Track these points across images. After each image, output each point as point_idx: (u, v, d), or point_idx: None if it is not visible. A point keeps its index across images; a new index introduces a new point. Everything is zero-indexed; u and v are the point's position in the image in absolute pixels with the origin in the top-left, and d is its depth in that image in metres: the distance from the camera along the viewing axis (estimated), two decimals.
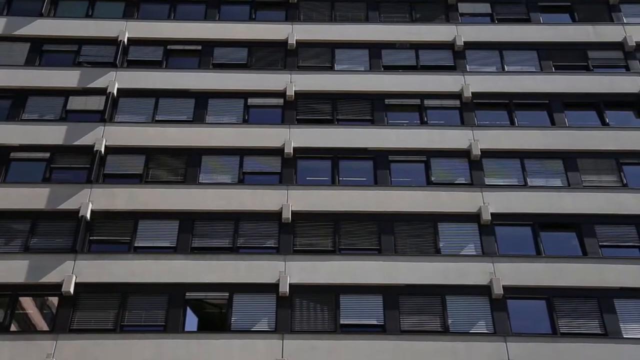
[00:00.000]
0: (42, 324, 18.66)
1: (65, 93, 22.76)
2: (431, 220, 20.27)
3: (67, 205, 20.05)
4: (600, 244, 19.82)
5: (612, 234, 20.06)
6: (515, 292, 18.80)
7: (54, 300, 18.64)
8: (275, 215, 20.13)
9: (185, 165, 21.33)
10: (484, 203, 20.30)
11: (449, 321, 18.50)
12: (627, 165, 21.46)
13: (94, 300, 18.68)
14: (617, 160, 21.54)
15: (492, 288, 18.69)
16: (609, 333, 18.21)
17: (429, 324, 18.56)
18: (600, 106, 22.90)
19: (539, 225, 20.27)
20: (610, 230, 20.12)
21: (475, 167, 21.38)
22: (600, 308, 18.63)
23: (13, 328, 18.31)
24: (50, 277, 18.70)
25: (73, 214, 19.84)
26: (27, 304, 18.95)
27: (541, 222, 20.31)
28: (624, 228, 20.19)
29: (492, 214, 20.06)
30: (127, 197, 20.40)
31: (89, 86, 22.79)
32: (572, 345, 17.93)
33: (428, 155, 21.66)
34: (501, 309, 18.57)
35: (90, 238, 19.75)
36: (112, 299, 18.67)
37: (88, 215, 19.78)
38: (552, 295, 18.85)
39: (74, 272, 18.76)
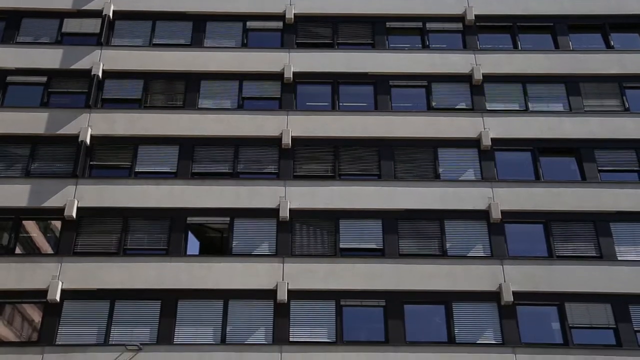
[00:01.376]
0: (46, 247, 18.99)
1: (60, 15, 22.23)
2: (431, 146, 20.27)
3: (66, 130, 20.01)
4: (599, 168, 19.91)
5: (611, 159, 20.12)
6: (513, 216, 19.04)
7: (57, 224, 18.90)
8: (275, 141, 20.11)
9: (184, 90, 21.12)
10: (484, 128, 20.23)
11: (447, 245, 18.81)
12: (630, 89, 21.24)
13: (97, 225, 18.95)
14: (620, 84, 21.30)
15: (490, 212, 18.91)
16: (604, 256, 18.58)
17: (427, 248, 18.88)
18: (605, 28, 22.43)
19: (538, 150, 20.28)
20: (609, 154, 20.17)
21: (476, 91, 21.16)
22: (596, 231, 18.94)
23: (18, 251, 18.69)
24: (52, 202, 18.91)
25: (72, 139, 19.83)
26: (31, 227, 19.22)
27: (541, 147, 20.31)
28: (624, 153, 20.22)
29: (492, 139, 20.04)
30: (126, 122, 20.32)
31: (83, 8, 22.22)
32: (567, 268, 18.33)
33: (429, 80, 21.41)
34: (499, 233, 18.84)
35: (91, 163, 19.80)
36: (114, 223, 18.94)
37: (88, 140, 19.77)
38: (549, 220, 19.12)
39: (76, 196, 18.94)
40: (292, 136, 20.02)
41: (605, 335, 17.64)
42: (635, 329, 17.56)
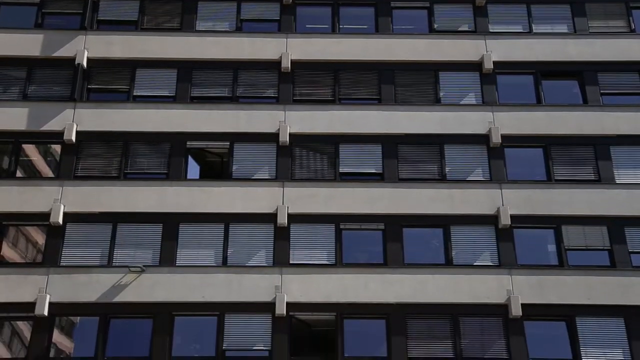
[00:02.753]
0: (47, 171, 19.05)
1: None
2: (432, 69, 20.01)
3: (63, 52, 19.72)
4: (601, 92, 19.73)
5: (614, 82, 19.91)
6: (513, 140, 19.03)
7: (57, 148, 18.92)
8: (275, 64, 19.84)
9: (181, 11, 20.65)
10: (486, 51, 19.93)
11: (446, 169, 18.86)
12: (637, 10, 20.79)
13: (96, 149, 18.96)
14: (627, 4, 20.82)
15: (490, 137, 18.88)
16: (603, 179, 18.67)
17: (426, 172, 18.93)
18: None
19: (541, 74, 20.03)
20: (613, 77, 19.94)
21: (479, 13, 20.69)
22: (595, 155, 18.97)
23: (19, 174, 18.79)
24: (51, 125, 18.85)
25: (69, 62, 19.57)
26: (31, 151, 19.22)
27: (543, 70, 20.04)
28: (628, 75, 20.00)
29: (494, 62, 19.77)
30: (123, 45, 19.98)
31: None
32: (565, 191, 18.47)
33: (431, 1, 20.91)
34: (498, 157, 18.88)
35: (89, 87, 19.62)
36: (114, 148, 18.96)
37: (84, 63, 19.52)
38: (549, 144, 19.12)
39: (74, 120, 18.87)
40: (291, 59, 19.73)
41: (600, 256, 17.94)
42: (630, 250, 17.85)
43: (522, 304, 16.94)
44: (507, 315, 17.01)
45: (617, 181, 18.65)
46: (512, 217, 17.93)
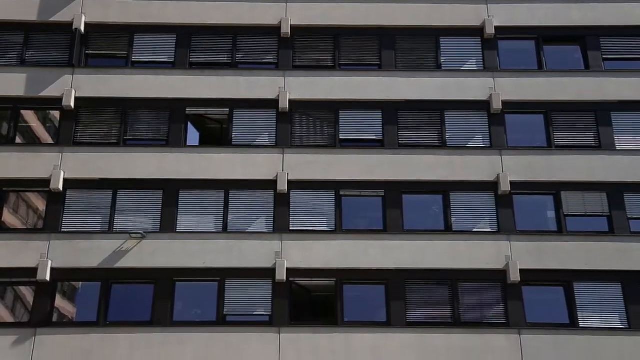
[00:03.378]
0: (46, 137, 19.01)
1: None
2: (433, 35, 19.82)
3: (60, 17, 19.47)
4: (603, 57, 19.55)
5: (617, 47, 19.70)
6: (514, 107, 18.95)
7: (56, 114, 18.85)
8: (274, 30, 19.64)
9: None
10: (488, 16, 19.70)
11: (447, 136, 18.82)
12: None
13: (95, 115, 18.90)
14: None
15: (491, 103, 18.79)
16: (603, 145, 18.63)
17: (426, 138, 18.89)
18: None
19: (542, 39, 19.84)
20: (615, 42, 19.72)
21: None
22: (596, 121, 18.89)
23: (18, 140, 18.75)
24: (50, 91, 18.75)
25: (67, 27, 19.37)
26: (30, 117, 19.16)
27: (545, 35, 19.84)
28: (630, 40, 19.80)
29: (495, 28, 19.55)
30: (120, 9, 19.70)
31: None
32: (565, 157, 18.45)
33: None
34: (499, 124, 18.82)
35: (87, 52, 19.46)
36: (113, 114, 18.89)
37: (82, 28, 19.33)
38: (550, 110, 19.03)
39: (73, 86, 18.76)
40: (291, 25, 19.52)
41: (599, 222, 18.02)
42: (629, 216, 17.91)
43: (520, 270, 17.05)
44: (506, 280, 17.14)
45: (618, 147, 18.60)
46: (512, 183, 17.95)
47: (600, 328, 16.83)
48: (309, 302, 17.87)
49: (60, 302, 17.30)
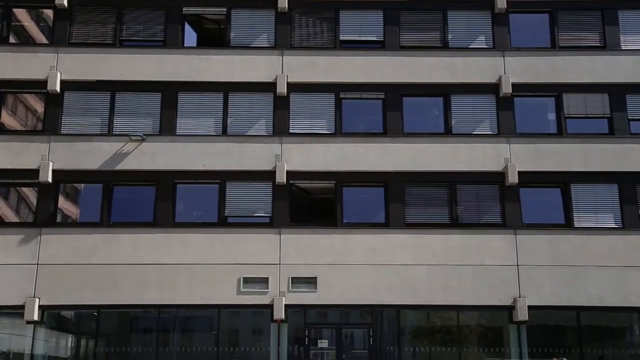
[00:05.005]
0: (40, 37, 18.63)
1: None
2: None
3: None
4: None
5: None
6: (518, 5, 18.51)
7: (49, 13, 18.41)
8: None
9: None
10: None
11: (449, 37, 18.45)
12: None
13: (90, 14, 18.49)
14: None
15: (495, 1, 18.34)
16: (608, 45, 18.34)
17: (428, 39, 18.52)
18: None
19: None
20: None
21: None
22: (602, 20, 18.50)
23: (12, 40, 18.41)
24: None
25: None
26: (23, 16, 18.65)
27: None
28: None
29: None
30: None
31: None
32: (569, 58, 18.19)
33: None
34: (502, 23, 18.42)
35: None
36: (108, 13, 18.47)
37: None
38: (555, 9, 18.59)
39: None
40: None
41: (599, 124, 17.98)
42: (630, 117, 17.86)
43: (518, 172, 17.18)
44: (504, 182, 17.31)
45: (623, 47, 18.31)
46: (514, 85, 17.79)
47: (595, 228, 17.16)
48: (309, 204, 18.11)
49: (63, 203, 17.54)
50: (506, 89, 17.73)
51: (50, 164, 17.06)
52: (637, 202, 17.35)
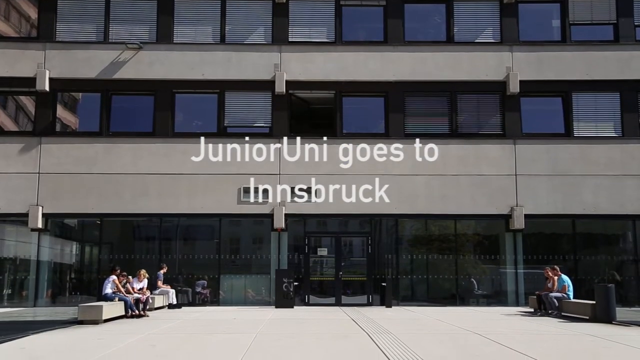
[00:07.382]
0: None
1: None
2: None
3: None
4: None
5: None
6: None
7: None
8: None
9: None
10: None
11: None
12: None
13: None
14: None
15: None
16: None
17: None
18: None
19: None
20: None
21: None
22: None
23: None
24: None
25: None
26: None
27: None
28: None
29: None
30: None
31: None
32: None
33: None
34: None
35: None
36: None
37: None
38: None
39: None
40: None
41: (604, 31, 17.65)
42: (636, 23, 17.53)
43: (520, 81, 17.02)
44: (505, 92, 17.17)
45: None
46: None
47: (594, 137, 17.17)
48: (309, 114, 18.03)
49: (62, 112, 17.43)
50: None
51: (47, 72, 16.85)
52: (638, 110, 17.28)
